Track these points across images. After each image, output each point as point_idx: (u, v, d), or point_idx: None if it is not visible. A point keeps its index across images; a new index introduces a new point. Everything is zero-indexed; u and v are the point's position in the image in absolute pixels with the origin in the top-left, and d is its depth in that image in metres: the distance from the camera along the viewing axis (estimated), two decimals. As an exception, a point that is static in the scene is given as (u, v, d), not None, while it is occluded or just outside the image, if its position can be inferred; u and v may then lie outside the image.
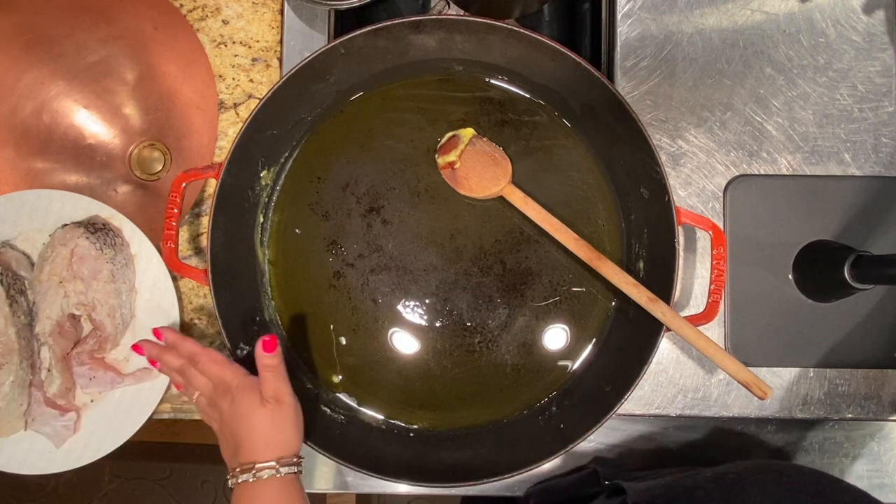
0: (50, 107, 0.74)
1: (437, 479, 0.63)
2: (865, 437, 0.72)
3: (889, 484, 0.72)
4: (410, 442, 0.67)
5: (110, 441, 0.69)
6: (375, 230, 0.68)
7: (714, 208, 0.71)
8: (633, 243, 0.67)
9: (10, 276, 0.67)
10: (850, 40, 0.72)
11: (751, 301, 0.70)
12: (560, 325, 0.68)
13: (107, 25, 0.74)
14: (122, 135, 0.75)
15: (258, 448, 0.53)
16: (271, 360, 0.56)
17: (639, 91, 0.72)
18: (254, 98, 0.74)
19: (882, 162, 0.71)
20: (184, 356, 0.59)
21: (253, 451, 0.53)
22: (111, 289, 0.68)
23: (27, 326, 0.68)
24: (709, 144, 0.71)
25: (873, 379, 0.69)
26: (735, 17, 0.72)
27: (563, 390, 0.68)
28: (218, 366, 0.57)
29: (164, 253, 0.63)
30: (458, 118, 0.69)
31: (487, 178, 0.66)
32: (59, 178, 0.74)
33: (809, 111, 0.71)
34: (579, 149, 0.68)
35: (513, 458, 0.62)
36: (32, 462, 0.69)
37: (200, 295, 0.74)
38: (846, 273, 0.63)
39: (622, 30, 0.72)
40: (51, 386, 0.68)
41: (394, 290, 0.68)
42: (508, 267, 0.68)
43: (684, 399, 0.70)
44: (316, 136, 0.69)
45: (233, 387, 0.56)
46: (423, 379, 0.68)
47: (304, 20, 0.73)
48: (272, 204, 0.69)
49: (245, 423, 0.54)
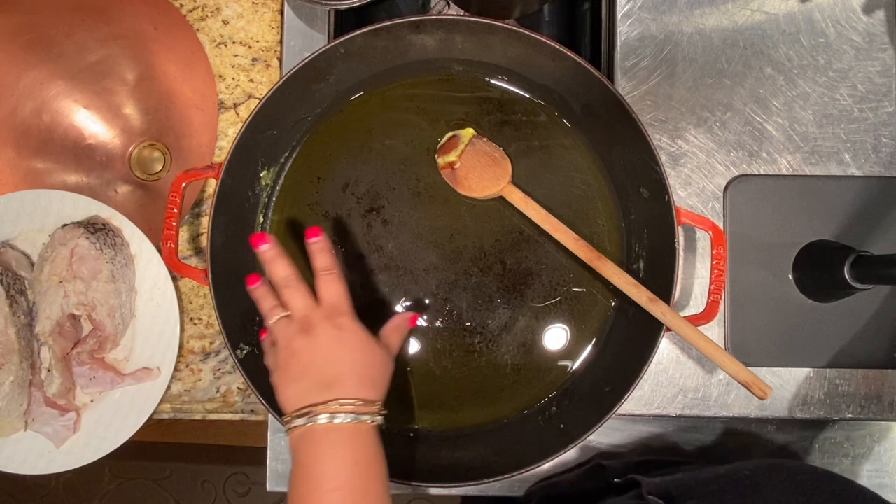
0: (50, 107, 0.74)
1: (437, 479, 0.63)
2: (865, 437, 0.72)
3: (889, 484, 0.72)
4: (410, 442, 0.67)
5: (110, 441, 0.69)
6: (375, 230, 0.68)
7: (714, 208, 0.71)
8: (633, 243, 0.67)
9: (10, 276, 0.67)
10: (850, 40, 0.72)
11: (751, 301, 0.70)
12: (560, 325, 0.68)
13: (107, 25, 0.74)
14: (122, 135, 0.75)
15: (363, 383, 0.48)
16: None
17: (639, 91, 0.72)
18: (254, 98, 0.74)
19: (882, 162, 0.71)
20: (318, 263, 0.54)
21: (357, 385, 0.48)
22: (111, 289, 0.68)
23: (27, 326, 0.68)
24: (709, 144, 0.71)
25: (873, 379, 0.69)
26: (735, 17, 0.72)
27: (563, 390, 0.68)
28: (345, 288, 0.52)
29: (164, 253, 0.63)
30: (458, 118, 0.69)
31: (487, 178, 0.66)
32: (59, 178, 0.74)
33: (809, 111, 0.71)
34: (579, 149, 0.68)
35: (513, 458, 0.62)
36: (32, 462, 0.69)
37: (200, 295, 0.74)
38: (846, 273, 0.63)
39: (622, 30, 0.72)
40: (51, 386, 0.68)
41: (394, 290, 0.68)
42: (508, 267, 0.68)
43: (684, 399, 0.70)
44: (316, 136, 0.69)
45: (346, 311, 0.51)
46: (422, 379, 0.68)
47: (304, 20, 0.73)
48: (272, 204, 0.69)
49: (352, 351, 0.49)
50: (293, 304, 0.53)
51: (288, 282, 0.53)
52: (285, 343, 0.51)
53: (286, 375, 0.50)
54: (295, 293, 0.53)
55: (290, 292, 0.53)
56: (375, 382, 0.50)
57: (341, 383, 0.48)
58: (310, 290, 0.54)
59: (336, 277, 0.54)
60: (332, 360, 0.49)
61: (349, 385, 0.48)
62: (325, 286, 0.53)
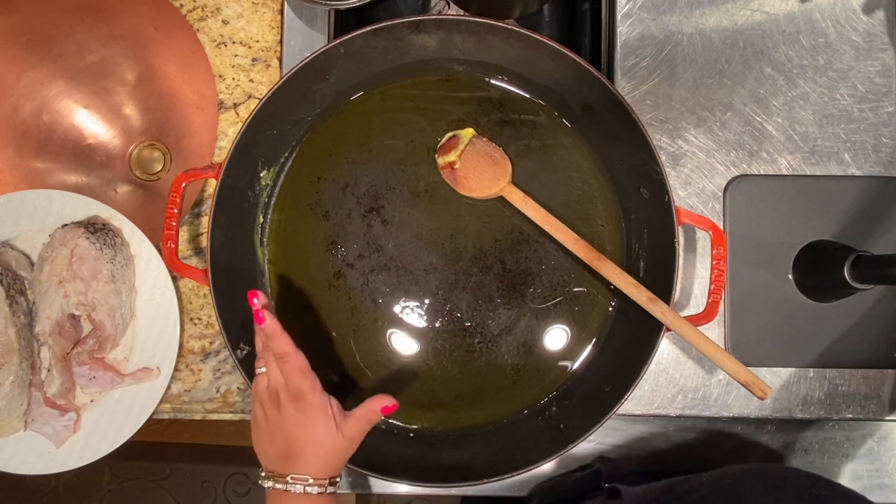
0: (50, 107, 0.74)
1: (437, 479, 0.63)
2: (865, 436, 0.72)
3: (889, 484, 0.72)
4: (410, 442, 0.67)
5: (110, 441, 0.69)
6: (375, 230, 0.68)
7: (714, 208, 0.71)
8: (633, 243, 0.67)
9: (10, 276, 0.67)
10: (850, 40, 0.72)
11: (751, 301, 0.70)
12: (560, 326, 0.68)
13: (107, 25, 0.74)
14: (122, 135, 0.75)
15: (315, 465, 0.54)
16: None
17: (639, 91, 0.72)
18: (254, 98, 0.74)
19: (882, 162, 0.71)
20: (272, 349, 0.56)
21: (310, 465, 0.53)
22: (111, 289, 0.68)
23: (27, 326, 0.68)
24: (709, 144, 0.71)
25: (873, 379, 0.69)
26: (735, 17, 0.72)
27: (563, 390, 0.68)
28: (301, 374, 0.55)
29: (164, 253, 0.63)
30: (458, 118, 0.69)
31: (487, 178, 0.66)
32: (59, 178, 0.74)
33: (809, 111, 0.71)
34: (579, 149, 0.68)
35: (513, 458, 0.62)
36: (32, 462, 0.69)
37: (200, 295, 0.74)
38: (846, 273, 0.63)
39: (622, 30, 0.72)
40: (51, 386, 0.68)
41: (394, 290, 0.68)
42: (508, 267, 0.68)
43: (684, 399, 0.70)
44: (316, 136, 0.69)
45: (307, 397, 0.54)
46: (422, 379, 0.68)
47: (304, 20, 0.73)
48: (272, 204, 0.69)
49: (310, 437, 0.54)
50: (269, 371, 0.56)
51: (266, 352, 0.56)
52: (260, 402, 0.56)
53: (258, 435, 0.56)
54: (270, 363, 0.56)
55: (267, 360, 0.56)
56: (329, 465, 0.54)
57: (297, 461, 0.54)
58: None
59: (291, 365, 0.55)
60: (293, 439, 0.54)
61: (304, 464, 0.53)
62: (284, 372, 0.55)
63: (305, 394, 0.54)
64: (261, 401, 0.56)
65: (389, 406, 0.56)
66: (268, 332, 0.55)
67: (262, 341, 0.57)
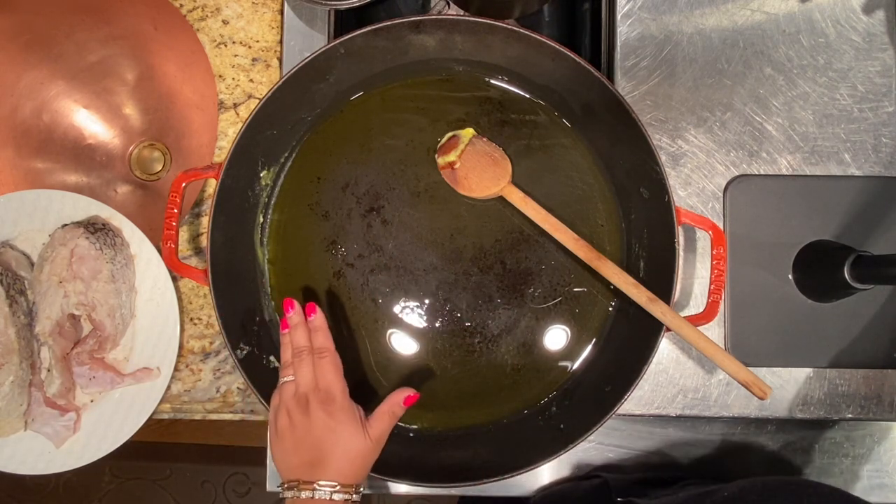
0: (50, 107, 0.74)
1: (437, 479, 0.63)
2: (865, 437, 0.72)
3: (889, 484, 0.72)
4: (410, 442, 0.67)
5: (110, 441, 0.69)
6: (375, 230, 0.68)
7: (714, 208, 0.71)
8: (633, 243, 0.67)
9: (10, 276, 0.67)
10: (850, 40, 0.72)
11: (751, 301, 0.70)
12: (560, 326, 0.68)
13: (107, 25, 0.74)
14: (122, 135, 0.75)
15: (343, 470, 0.53)
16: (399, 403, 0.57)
17: (639, 91, 0.72)
18: (254, 98, 0.74)
19: (882, 162, 0.71)
20: (314, 343, 0.57)
21: (338, 471, 0.53)
22: (111, 289, 0.68)
23: (27, 326, 0.68)
24: (709, 144, 0.71)
25: (873, 379, 0.69)
26: (735, 17, 0.72)
27: (563, 390, 0.68)
28: (336, 373, 0.56)
29: (164, 253, 0.63)
30: (458, 118, 0.69)
31: (487, 178, 0.66)
32: (59, 178, 0.74)
33: (809, 111, 0.71)
34: (579, 149, 0.68)
35: (513, 458, 0.62)
36: (32, 462, 0.69)
37: (200, 295, 0.74)
38: (846, 273, 0.63)
39: (622, 30, 0.72)
40: (51, 386, 0.68)
41: (394, 291, 0.68)
42: (508, 267, 0.68)
43: (684, 399, 0.70)
44: (316, 136, 0.69)
45: (337, 400, 0.55)
46: (422, 379, 0.68)
47: (304, 20, 0.73)
48: (272, 204, 0.69)
49: (339, 442, 0.54)
50: (299, 376, 0.56)
51: (301, 353, 0.57)
52: (286, 411, 0.56)
53: (281, 446, 0.56)
54: (303, 366, 0.56)
55: (299, 363, 0.57)
56: (356, 471, 0.54)
57: (325, 467, 0.53)
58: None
59: (329, 361, 0.56)
60: (321, 445, 0.54)
61: (332, 470, 0.53)
62: (319, 369, 0.56)
63: (336, 396, 0.55)
64: (287, 409, 0.55)
65: (412, 396, 0.57)
66: (316, 325, 0.57)
67: (297, 345, 0.57)
